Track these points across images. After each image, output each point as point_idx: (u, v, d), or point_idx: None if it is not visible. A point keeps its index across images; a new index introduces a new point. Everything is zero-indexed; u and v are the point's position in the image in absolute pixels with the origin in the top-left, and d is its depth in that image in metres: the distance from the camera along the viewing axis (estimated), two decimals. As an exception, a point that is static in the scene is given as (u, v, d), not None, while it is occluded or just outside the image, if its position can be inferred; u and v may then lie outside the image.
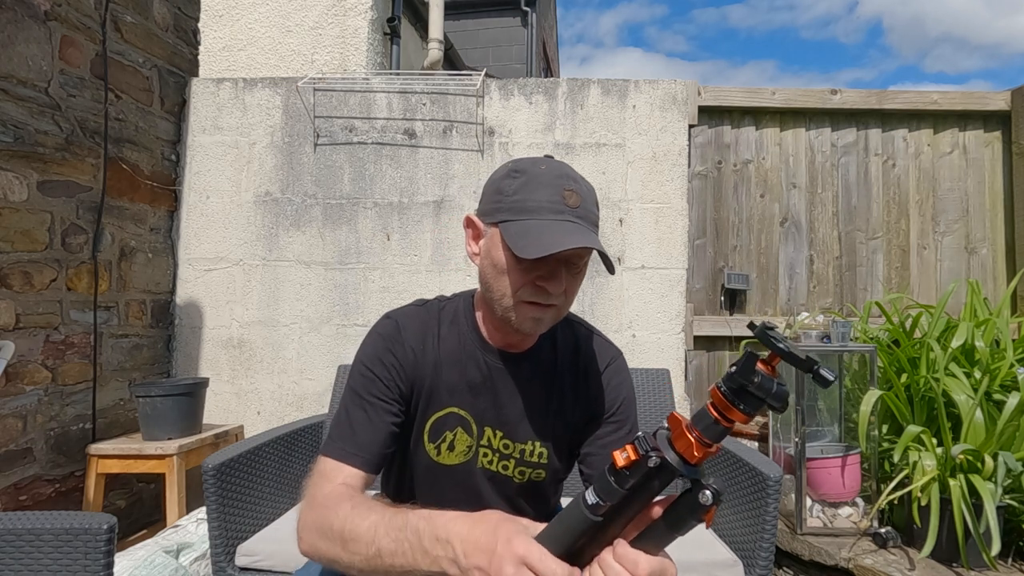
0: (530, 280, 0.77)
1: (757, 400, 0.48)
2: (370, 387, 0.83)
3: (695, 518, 0.52)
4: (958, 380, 1.79)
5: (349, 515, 0.68)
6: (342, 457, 0.79)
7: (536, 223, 0.74)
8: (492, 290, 0.81)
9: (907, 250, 2.61)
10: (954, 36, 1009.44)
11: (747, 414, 0.49)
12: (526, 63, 7.34)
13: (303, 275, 2.47)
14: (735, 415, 0.49)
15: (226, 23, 3.68)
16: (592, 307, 2.42)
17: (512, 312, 0.79)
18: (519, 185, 0.78)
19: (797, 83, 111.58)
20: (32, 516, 0.90)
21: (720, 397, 0.49)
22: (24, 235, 1.82)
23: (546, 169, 0.79)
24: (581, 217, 0.76)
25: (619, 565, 0.54)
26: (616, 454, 0.52)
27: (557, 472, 0.93)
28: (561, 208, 0.75)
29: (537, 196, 0.76)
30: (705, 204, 2.65)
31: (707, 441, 0.50)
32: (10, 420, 1.78)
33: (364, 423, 0.82)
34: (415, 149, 2.48)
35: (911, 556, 1.67)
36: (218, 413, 2.42)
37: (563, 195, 0.76)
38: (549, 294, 0.77)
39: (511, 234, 0.75)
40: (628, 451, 0.52)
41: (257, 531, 1.50)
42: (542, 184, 0.77)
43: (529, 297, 0.78)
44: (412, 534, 0.61)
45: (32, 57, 1.83)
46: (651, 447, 0.51)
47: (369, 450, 0.80)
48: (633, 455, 0.52)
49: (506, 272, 0.78)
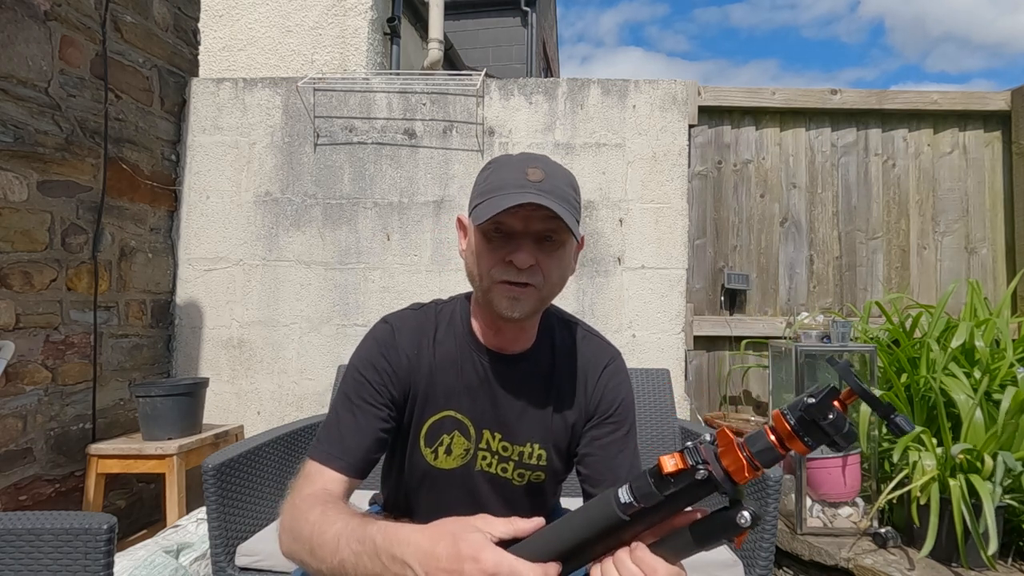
0: (499, 258, 0.79)
1: (824, 436, 0.47)
2: (361, 392, 0.84)
3: (727, 537, 0.52)
4: (958, 380, 1.79)
5: (317, 521, 0.68)
6: (325, 460, 0.80)
7: (496, 198, 0.76)
8: (472, 277, 0.83)
9: (907, 250, 2.61)
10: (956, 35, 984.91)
11: (809, 447, 0.48)
12: (526, 63, 7.33)
13: (303, 275, 2.47)
14: (796, 446, 0.48)
15: (226, 23, 3.68)
16: (592, 307, 2.42)
17: (490, 294, 0.80)
18: (489, 173, 0.82)
19: (799, 82, 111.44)
20: (32, 516, 0.90)
21: (785, 425, 0.48)
22: (24, 235, 1.82)
23: (517, 157, 0.82)
24: (545, 191, 0.76)
25: (636, 567, 0.53)
26: (664, 460, 0.52)
27: (557, 474, 0.93)
28: (523, 183, 0.76)
29: (502, 176, 0.78)
30: (705, 204, 2.65)
31: (757, 464, 0.50)
32: (10, 420, 1.78)
33: (351, 427, 0.82)
34: (415, 149, 2.48)
35: (911, 556, 1.67)
36: (218, 413, 2.42)
37: (526, 172, 0.77)
38: (519, 270, 0.78)
39: (476, 213, 0.78)
40: (676, 459, 0.52)
41: (257, 531, 1.50)
42: (508, 167, 0.80)
43: (501, 276, 0.79)
44: (370, 547, 0.60)
45: (32, 57, 1.83)
46: (701, 459, 0.51)
47: (354, 455, 0.80)
48: (681, 464, 0.51)
49: (480, 255, 0.80)
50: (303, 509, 0.72)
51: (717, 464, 0.51)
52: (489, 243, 0.79)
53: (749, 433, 0.51)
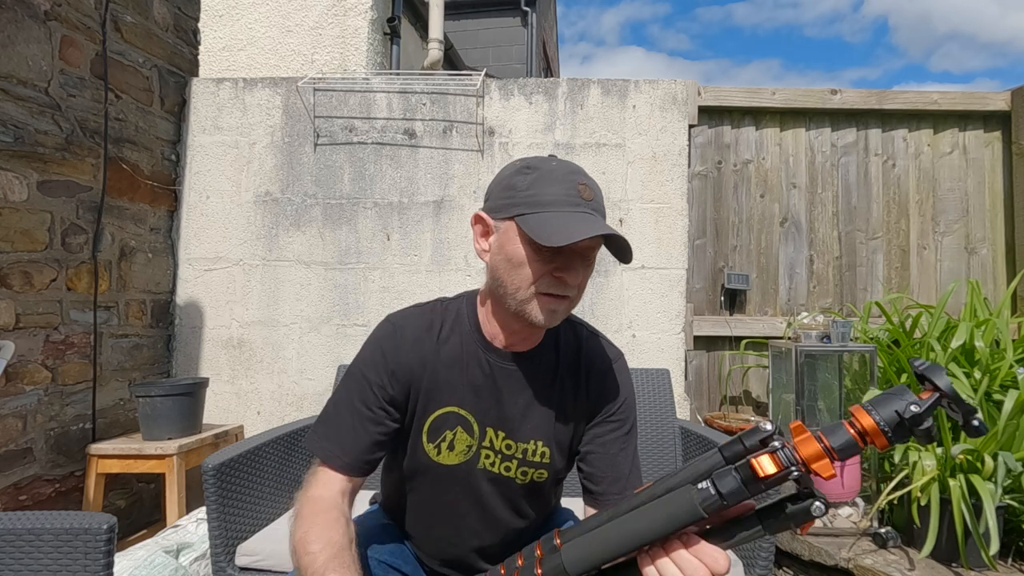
0: (548, 271, 0.78)
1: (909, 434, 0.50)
2: (362, 393, 0.85)
3: (797, 524, 0.52)
4: (958, 380, 1.79)
5: (303, 536, 0.75)
6: (326, 458, 0.84)
7: (555, 214, 0.75)
8: (506, 284, 0.81)
9: (907, 250, 2.61)
10: (962, 33, 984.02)
11: (891, 443, 0.50)
12: (526, 63, 7.33)
13: (303, 275, 2.47)
14: (880, 442, 0.50)
15: (226, 23, 3.68)
16: (592, 307, 2.42)
17: (528, 304, 0.79)
18: (531, 181, 0.79)
19: (801, 82, 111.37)
20: (32, 516, 0.90)
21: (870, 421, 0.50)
22: (24, 235, 1.82)
23: (557, 165, 0.81)
24: (595, 210, 0.78)
25: (698, 560, 0.53)
26: (758, 463, 0.51)
27: (559, 472, 0.93)
28: (577, 201, 0.77)
29: (552, 190, 0.77)
30: (705, 204, 2.65)
31: (835, 456, 0.51)
32: (10, 420, 1.78)
33: (348, 429, 0.85)
34: (415, 149, 2.48)
35: (911, 556, 1.67)
36: (218, 413, 2.42)
37: (578, 189, 0.77)
38: (567, 285, 0.79)
39: (531, 226, 0.76)
40: (772, 461, 0.51)
41: (257, 531, 1.50)
42: (555, 179, 0.78)
43: (547, 289, 0.79)
44: None
45: (32, 57, 1.83)
46: (794, 461, 0.51)
47: (352, 455, 0.83)
48: (777, 467, 0.51)
49: (523, 264, 0.78)
50: (302, 516, 0.78)
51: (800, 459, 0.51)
52: (538, 255, 0.77)
53: (823, 426, 0.52)
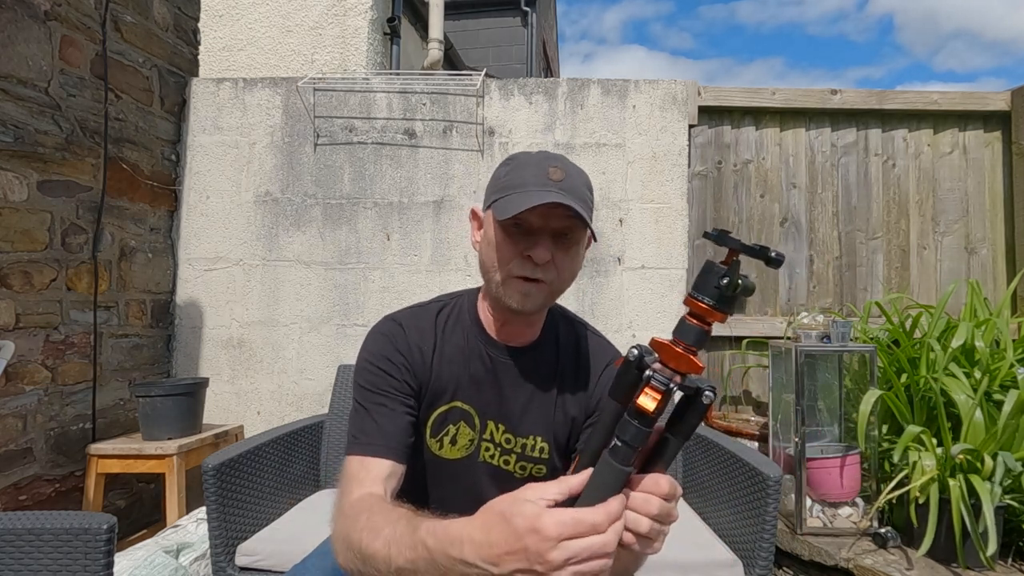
0: (518, 252, 0.80)
1: (734, 300, 0.53)
2: (382, 383, 0.84)
3: (700, 419, 0.55)
4: (958, 380, 1.79)
5: (365, 528, 0.66)
6: (368, 451, 0.79)
7: (520, 195, 0.78)
8: (487, 268, 0.84)
9: (907, 250, 2.61)
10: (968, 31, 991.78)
11: (725, 312, 0.53)
12: (526, 63, 7.33)
13: (303, 275, 2.47)
14: (717, 318, 0.53)
15: (226, 23, 3.68)
16: (592, 307, 2.42)
17: (503, 287, 0.82)
18: (509, 169, 0.84)
19: (805, 81, 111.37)
20: (32, 516, 0.90)
21: (702, 306, 0.53)
22: (24, 235, 1.82)
23: (536, 154, 0.84)
24: (566, 190, 0.78)
25: (642, 493, 0.54)
26: (641, 401, 0.52)
27: (556, 468, 0.94)
28: (544, 181, 0.78)
29: (523, 174, 0.81)
30: (705, 204, 2.65)
31: (694, 349, 0.53)
32: (10, 420, 1.78)
33: (385, 415, 0.82)
34: (415, 149, 2.48)
35: (911, 556, 1.67)
36: (218, 413, 2.42)
37: (547, 171, 0.79)
38: (536, 266, 0.80)
39: (498, 208, 0.80)
40: (653, 395, 0.52)
41: (257, 531, 1.50)
42: (529, 164, 0.82)
43: (519, 271, 0.80)
44: (424, 553, 0.57)
45: (32, 57, 1.83)
46: (669, 378, 0.52)
47: (395, 438, 0.81)
48: (660, 397, 0.52)
49: (497, 247, 0.82)
50: (351, 516, 0.70)
51: (672, 371, 0.53)
52: (508, 237, 0.81)
53: (674, 329, 0.55)
